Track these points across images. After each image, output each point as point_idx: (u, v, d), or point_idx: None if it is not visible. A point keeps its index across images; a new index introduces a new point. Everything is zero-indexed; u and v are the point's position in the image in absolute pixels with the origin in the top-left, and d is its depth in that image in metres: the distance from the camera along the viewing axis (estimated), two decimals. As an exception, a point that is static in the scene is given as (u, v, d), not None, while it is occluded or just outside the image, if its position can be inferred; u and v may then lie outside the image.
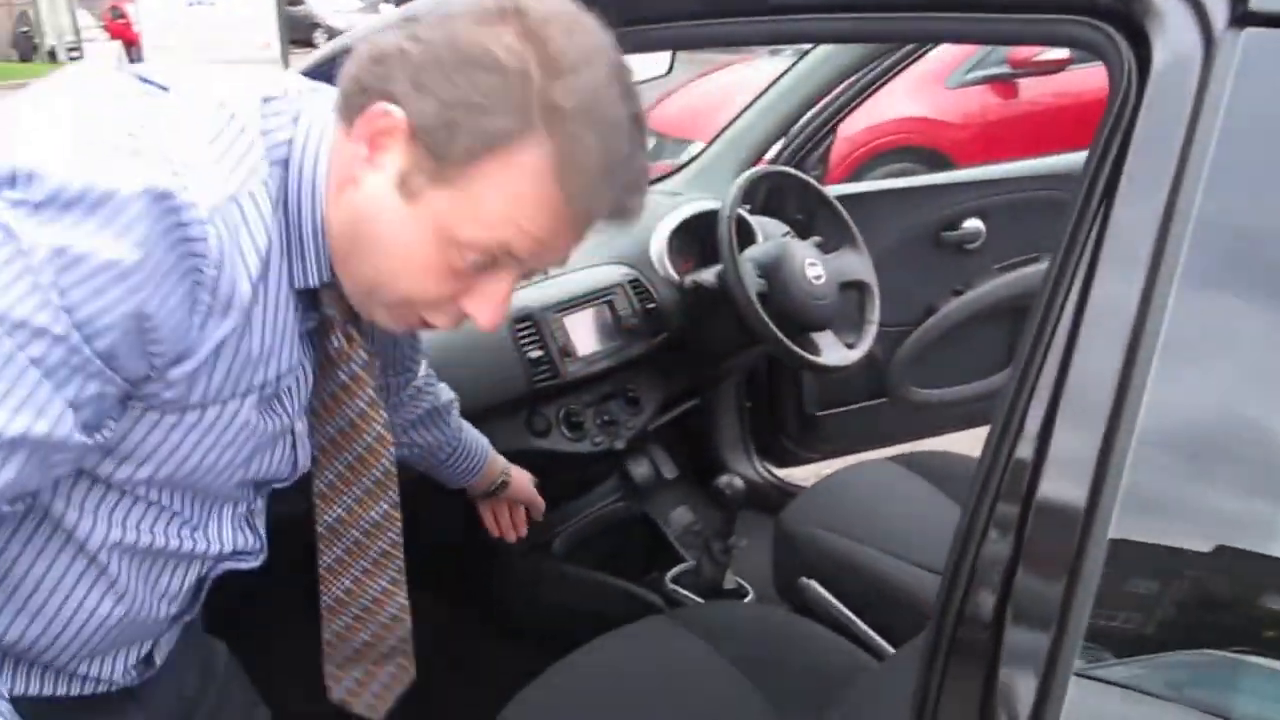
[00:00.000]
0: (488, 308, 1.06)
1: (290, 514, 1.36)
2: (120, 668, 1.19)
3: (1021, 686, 0.88)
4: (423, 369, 1.64)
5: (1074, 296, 0.90)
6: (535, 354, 2.12)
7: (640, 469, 2.94)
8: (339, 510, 1.31)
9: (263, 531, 1.26)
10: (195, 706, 1.37)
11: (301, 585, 1.53)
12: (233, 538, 1.20)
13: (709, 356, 2.49)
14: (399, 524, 1.33)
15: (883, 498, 2.34)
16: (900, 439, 2.95)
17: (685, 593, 2.29)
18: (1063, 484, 0.87)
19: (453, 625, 2.53)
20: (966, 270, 2.89)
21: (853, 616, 2.06)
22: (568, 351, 2.17)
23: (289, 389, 1.13)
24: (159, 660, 1.25)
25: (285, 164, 1.03)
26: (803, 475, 3.16)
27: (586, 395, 2.27)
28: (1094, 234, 0.90)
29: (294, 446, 1.19)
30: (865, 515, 2.26)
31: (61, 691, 1.16)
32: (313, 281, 1.07)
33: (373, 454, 1.26)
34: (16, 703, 1.04)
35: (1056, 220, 0.96)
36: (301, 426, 1.19)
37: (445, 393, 1.72)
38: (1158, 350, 0.82)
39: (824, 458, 3.10)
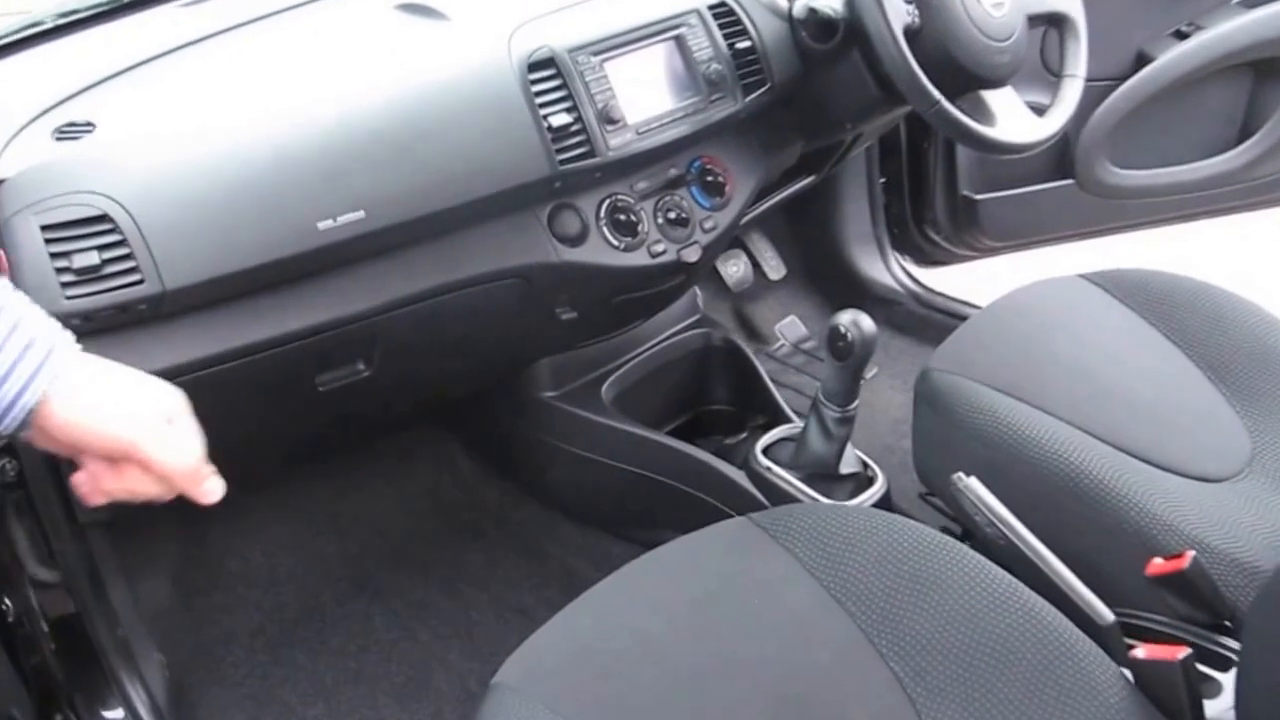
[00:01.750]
0: None
1: None
2: None
3: None
4: None
5: None
6: (561, 119, 1.41)
7: (733, 268, 2.26)
8: None
9: None
10: None
11: None
12: None
13: (829, 122, 1.74)
14: None
15: (1083, 343, 1.60)
16: (1084, 233, 2.37)
17: (782, 473, 1.60)
18: None
19: (473, 480, 1.94)
20: (1195, 5, 2.16)
21: (1048, 556, 1.34)
22: (611, 116, 1.45)
23: None
24: None
25: None
26: (954, 281, 2.50)
27: (643, 180, 1.56)
28: None
29: None
30: (1057, 371, 1.53)
31: None
32: None
33: None
34: None
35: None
36: None
37: None
38: None
39: (980, 255, 2.47)
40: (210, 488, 0.91)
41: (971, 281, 2.49)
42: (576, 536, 1.90)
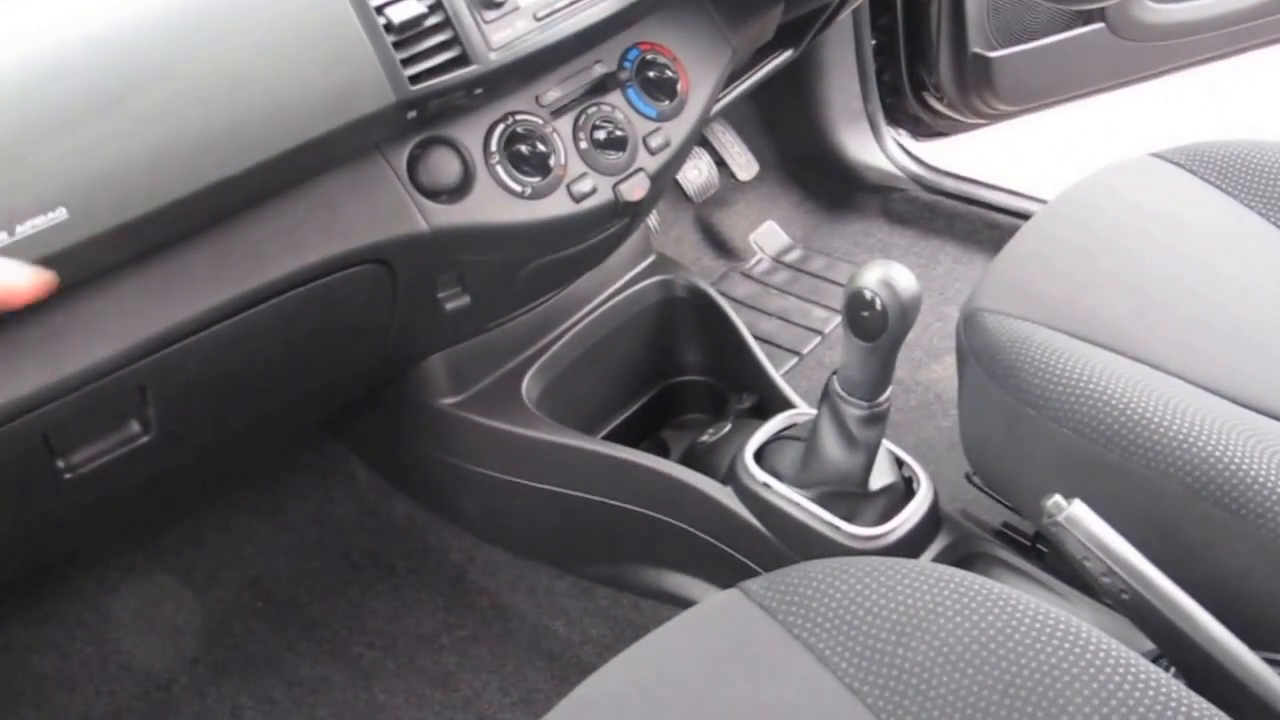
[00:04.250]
0: None
1: None
2: None
3: None
4: None
5: None
6: (406, 10, 0.89)
7: (694, 172, 1.81)
8: None
9: None
10: None
11: None
12: None
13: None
14: None
15: (1188, 257, 1.17)
16: (1111, 85, 2.00)
17: (786, 492, 1.12)
18: None
19: (373, 495, 1.48)
20: None
21: (1210, 629, 0.88)
22: (489, -2, 0.93)
23: None
24: None
25: None
26: (959, 156, 2.09)
27: (553, 88, 1.06)
28: None
29: None
30: (1170, 305, 1.09)
31: None
32: None
33: None
34: None
35: None
36: None
37: None
38: None
39: (989, 121, 2.06)
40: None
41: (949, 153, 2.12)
42: (512, 565, 1.42)
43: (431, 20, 0.90)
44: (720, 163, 1.93)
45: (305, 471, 1.54)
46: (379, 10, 0.87)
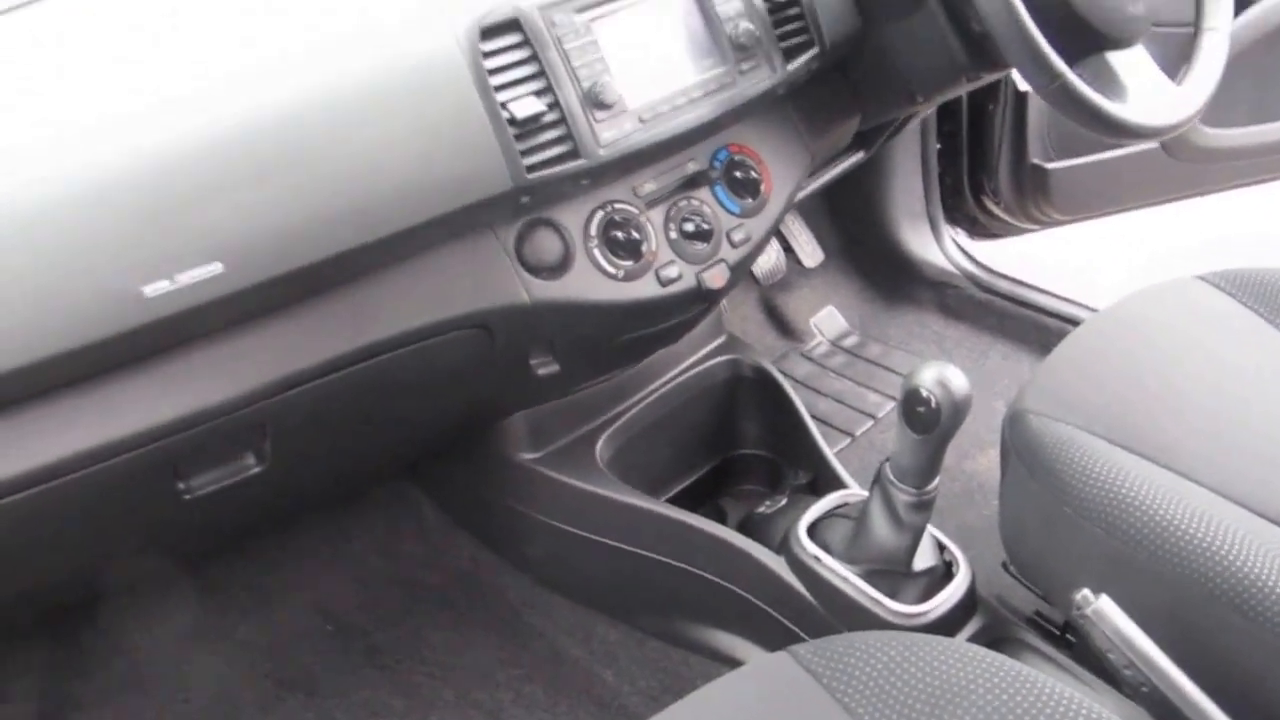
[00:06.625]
0: None
1: None
2: None
3: None
4: None
5: None
6: (528, 107, 1.00)
7: (763, 257, 1.88)
8: None
9: None
10: None
11: None
12: None
13: (894, 93, 1.33)
14: None
15: (1228, 376, 1.23)
16: (1165, 198, 2.05)
17: (834, 566, 1.20)
18: None
19: (440, 534, 1.56)
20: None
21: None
22: (602, 99, 1.04)
23: None
24: None
25: None
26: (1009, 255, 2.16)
27: (650, 181, 1.16)
28: None
29: None
30: (1204, 420, 1.15)
31: None
32: None
33: None
34: None
35: None
36: None
37: None
38: None
39: (1042, 227, 2.14)
40: None
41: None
42: (568, 611, 1.51)
43: (549, 117, 1.01)
44: (788, 249, 2.02)
45: (375, 508, 1.63)
46: (504, 105, 0.98)
